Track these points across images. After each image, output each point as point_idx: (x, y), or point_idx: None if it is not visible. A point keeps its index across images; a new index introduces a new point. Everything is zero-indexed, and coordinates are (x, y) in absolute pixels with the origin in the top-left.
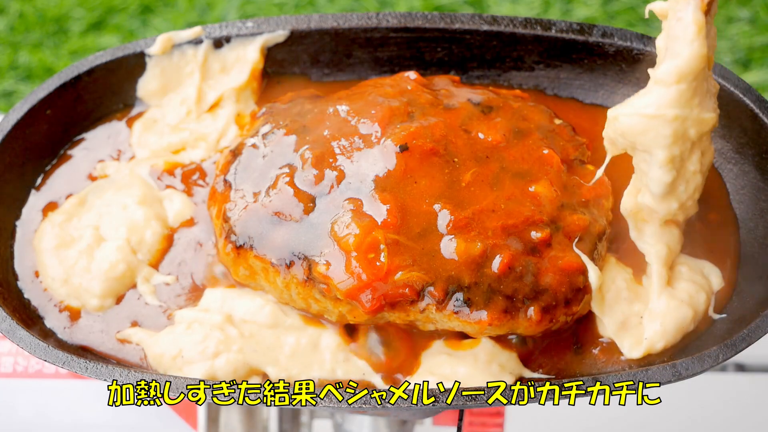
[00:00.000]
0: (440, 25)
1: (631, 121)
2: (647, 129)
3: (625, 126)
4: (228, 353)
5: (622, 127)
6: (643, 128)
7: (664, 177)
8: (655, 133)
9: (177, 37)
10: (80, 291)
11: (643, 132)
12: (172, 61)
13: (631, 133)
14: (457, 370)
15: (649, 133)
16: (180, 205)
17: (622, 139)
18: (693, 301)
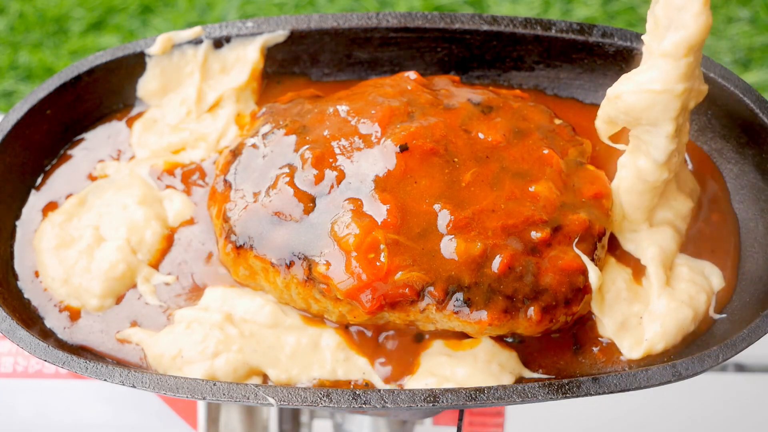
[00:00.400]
0: (440, 25)
1: (636, 98)
2: (654, 104)
3: (629, 104)
4: (228, 353)
5: (626, 105)
6: (649, 104)
7: (670, 146)
8: (663, 107)
9: (177, 37)
10: (80, 291)
11: (650, 107)
12: (172, 61)
13: (636, 109)
14: (457, 370)
15: (656, 107)
16: (180, 205)
17: (625, 116)
18: (693, 302)
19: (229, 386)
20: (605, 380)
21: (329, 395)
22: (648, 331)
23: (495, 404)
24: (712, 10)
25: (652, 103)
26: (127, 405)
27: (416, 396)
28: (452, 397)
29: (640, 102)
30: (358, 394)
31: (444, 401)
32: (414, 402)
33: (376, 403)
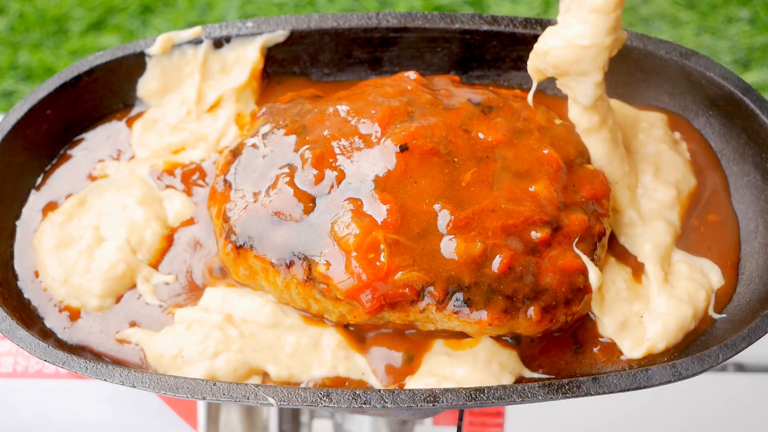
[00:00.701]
0: (440, 25)
1: (565, 53)
2: (582, 57)
3: (558, 58)
4: (228, 353)
5: (555, 59)
6: (578, 57)
7: (597, 92)
8: (592, 59)
9: (177, 37)
10: (80, 291)
11: (578, 60)
12: (172, 61)
13: (564, 63)
14: (457, 370)
15: (584, 60)
16: (180, 204)
17: (554, 69)
18: (693, 299)
19: (229, 386)
20: (605, 380)
21: (329, 395)
22: (649, 330)
23: (495, 404)
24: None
25: (581, 56)
26: (127, 405)
27: (416, 396)
28: (452, 397)
29: (569, 56)
30: (358, 394)
31: (444, 401)
32: (414, 402)
33: (376, 403)
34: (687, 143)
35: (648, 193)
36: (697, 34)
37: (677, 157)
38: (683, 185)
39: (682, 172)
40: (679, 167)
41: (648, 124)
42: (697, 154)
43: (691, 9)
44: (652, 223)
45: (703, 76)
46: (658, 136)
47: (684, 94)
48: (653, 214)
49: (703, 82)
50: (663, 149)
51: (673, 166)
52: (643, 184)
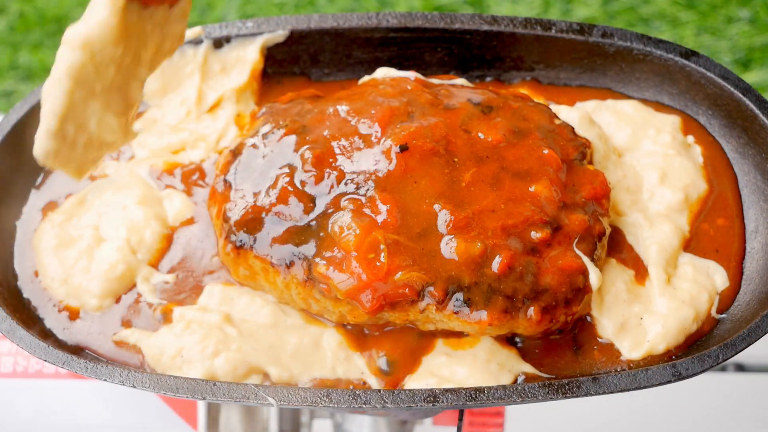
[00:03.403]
0: (440, 25)
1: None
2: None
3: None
4: (227, 352)
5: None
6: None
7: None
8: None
9: None
10: (79, 291)
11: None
12: (172, 61)
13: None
14: (457, 369)
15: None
16: (180, 204)
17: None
18: (694, 301)
19: (229, 386)
20: (605, 380)
21: (329, 395)
22: (650, 331)
23: (495, 404)
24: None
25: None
26: (127, 405)
27: (416, 396)
28: (452, 397)
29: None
30: (358, 394)
31: (444, 401)
32: (414, 402)
33: (376, 403)
34: (701, 147)
35: (655, 198)
36: (697, 34)
37: (687, 161)
38: (692, 190)
39: (692, 177)
40: (689, 172)
41: (656, 130)
42: (711, 158)
43: (691, 9)
44: (659, 226)
45: (703, 76)
46: (665, 142)
47: (684, 94)
48: (660, 218)
49: (703, 82)
50: (671, 154)
51: (682, 171)
52: (649, 189)
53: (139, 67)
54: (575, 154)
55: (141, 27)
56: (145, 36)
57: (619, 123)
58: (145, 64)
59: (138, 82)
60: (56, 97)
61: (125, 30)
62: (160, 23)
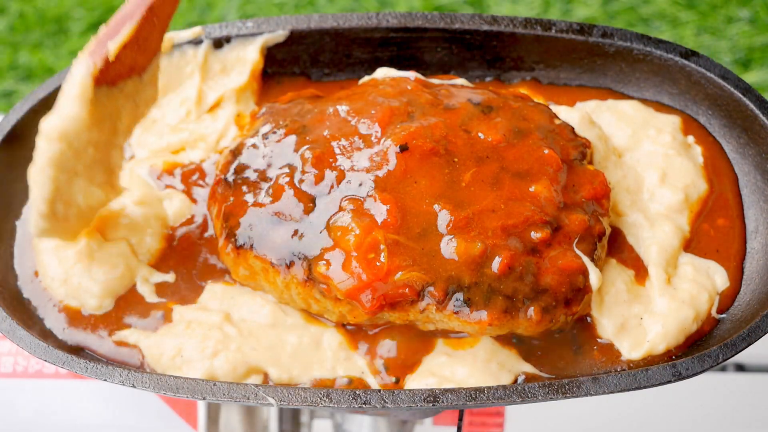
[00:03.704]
0: (440, 25)
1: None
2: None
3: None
4: (227, 352)
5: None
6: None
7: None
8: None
9: (177, 37)
10: (79, 291)
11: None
12: (173, 62)
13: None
14: (457, 369)
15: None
16: (180, 204)
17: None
18: (695, 301)
19: (229, 386)
20: (605, 380)
21: (329, 395)
22: (650, 332)
23: (495, 404)
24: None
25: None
26: (127, 405)
27: (416, 396)
28: (452, 397)
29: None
30: (358, 394)
31: (444, 401)
32: (414, 402)
33: (376, 403)
34: (701, 147)
35: (655, 198)
36: (697, 34)
37: (687, 162)
38: (692, 190)
39: (692, 177)
40: (689, 172)
41: (656, 130)
42: (711, 158)
43: (691, 9)
44: (660, 227)
45: (703, 76)
46: (665, 143)
47: (684, 94)
48: (660, 218)
49: (703, 82)
50: (671, 155)
51: (682, 171)
52: (649, 189)
53: (116, 137)
54: (575, 154)
55: (113, 105)
56: (118, 110)
57: (619, 123)
58: (122, 133)
59: (117, 149)
60: (42, 183)
61: (98, 114)
62: (132, 93)
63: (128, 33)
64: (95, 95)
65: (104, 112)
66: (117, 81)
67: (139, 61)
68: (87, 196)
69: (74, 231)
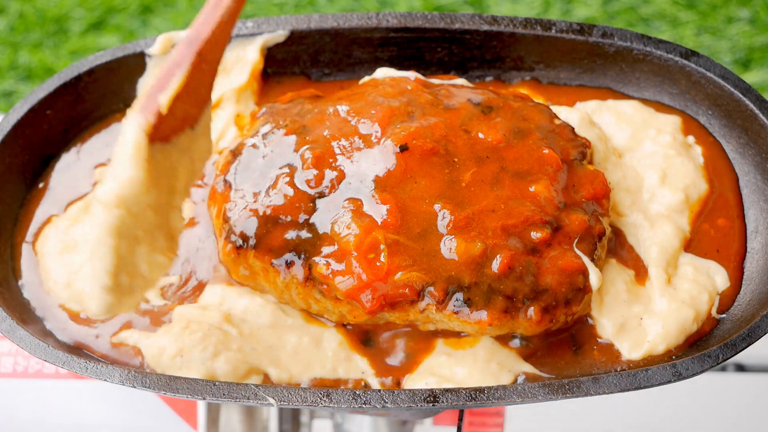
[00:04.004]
0: (440, 25)
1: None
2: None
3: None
4: (227, 352)
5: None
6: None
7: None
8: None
9: (177, 37)
10: (82, 295)
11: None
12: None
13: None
14: (457, 369)
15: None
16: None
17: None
18: (695, 302)
19: (229, 386)
20: (605, 380)
21: (329, 395)
22: (650, 332)
23: (495, 404)
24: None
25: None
26: (127, 405)
27: (416, 396)
28: (452, 397)
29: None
30: (358, 394)
31: (444, 401)
32: (414, 402)
33: (376, 403)
34: (702, 147)
35: (655, 198)
36: (697, 34)
37: (687, 162)
38: (692, 190)
39: (692, 178)
40: (689, 173)
41: (656, 131)
42: (712, 158)
43: (691, 9)
44: (660, 227)
45: (703, 76)
46: (665, 143)
47: (684, 94)
48: (661, 218)
49: (703, 82)
50: (671, 155)
51: (682, 172)
52: (649, 189)
53: (174, 198)
54: (575, 154)
55: (169, 162)
56: (174, 167)
57: (619, 123)
58: (179, 193)
59: (176, 210)
60: (103, 255)
61: (155, 173)
62: (186, 148)
63: (179, 83)
64: (150, 154)
65: (161, 171)
66: (170, 136)
67: (190, 113)
68: (151, 264)
69: (138, 302)
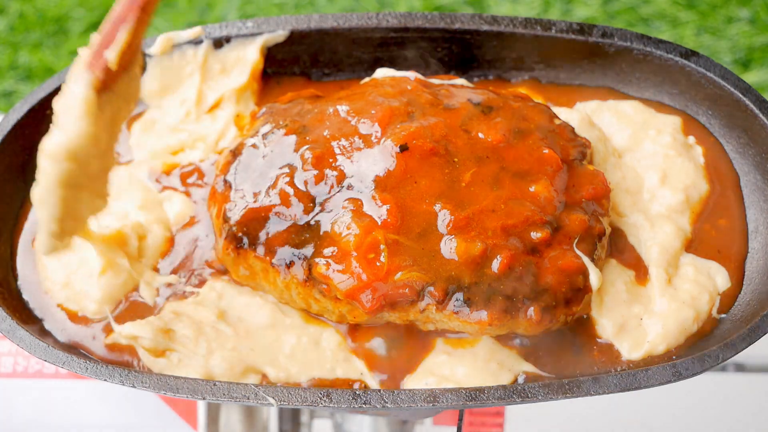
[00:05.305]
0: (440, 25)
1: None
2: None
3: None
4: (222, 351)
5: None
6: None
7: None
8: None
9: (177, 37)
10: (80, 296)
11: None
12: (172, 62)
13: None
14: (457, 369)
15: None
16: (180, 205)
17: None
18: (695, 302)
19: (229, 386)
20: (605, 380)
21: (329, 395)
22: (650, 332)
23: (495, 404)
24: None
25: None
26: (127, 405)
27: (416, 396)
28: (452, 397)
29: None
30: (358, 394)
31: (444, 401)
32: (414, 402)
33: (376, 403)
34: (702, 148)
35: (656, 198)
36: (697, 34)
37: (688, 162)
38: (693, 191)
39: (693, 178)
40: (690, 173)
41: (656, 131)
42: (712, 158)
43: (691, 9)
44: (661, 227)
45: (703, 76)
46: (666, 143)
47: (684, 94)
48: (661, 219)
49: (703, 82)
50: (671, 155)
51: (682, 172)
52: (650, 190)
53: (112, 141)
54: (575, 154)
55: (110, 109)
56: (114, 113)
57: (619, 123)
58: (116, 135)
59: (112, 152)
60: (51, 204)
61: (100, 123)
62: (123, 92)
63: (126, 39)
64: (98, 106)
65: (104, 120)
66: (111, 85)
67: (128, 60)
68: (92, 207)
69: (73, 240)
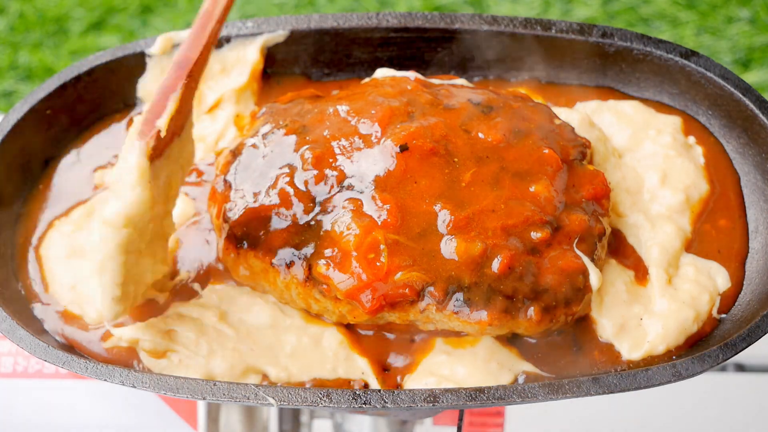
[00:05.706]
0: (440, 25)
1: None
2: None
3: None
4: (223, 351)
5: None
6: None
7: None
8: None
9: (177, 37)
10: (84, 299)
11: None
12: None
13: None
14: (457, 368)
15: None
16: (182, 207)
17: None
18: (695, 302)
19: (230, 386)
20: (605, 380)
21: (329, 395)
22: (650, 332)
23: (495, 404)
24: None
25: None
26: (127, 405)
27: (416, 396)
28: (452, 397)
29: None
30: (358, 394)
31: (444, 401)
32: (414, 402)
33: (376, 403)
34: (702, 148)
35: (656, 199)
36: (697, 34)
37: (688, 162)
38: (693, 191)
39: (693, 178)
40: (690, 173)
41: (656, 131)
42: (712, 158)
43: (691, 9)
44: (661, 228)
45: (703, 76)
46: (666, 143)
47: (684, 94)
48: (661, 219)
49: (703, 82)
50: (671, 155)
51: (683, 172)
52: (650, 190)
53: (168, 205)
54: (575, 154)
55: (164, 174)
56: (169, 178)
57: (619, 124)
58: (172, 199)
59: (170, 216)
60: (113, 270)
61: (155, 190)
62: (176, 157)
63: (174, 107)
64: (152, 174)
65: (159, 186)
66: (164, 150)
67: (178, 125)
68: (153, 272)
69: (137, 303)
